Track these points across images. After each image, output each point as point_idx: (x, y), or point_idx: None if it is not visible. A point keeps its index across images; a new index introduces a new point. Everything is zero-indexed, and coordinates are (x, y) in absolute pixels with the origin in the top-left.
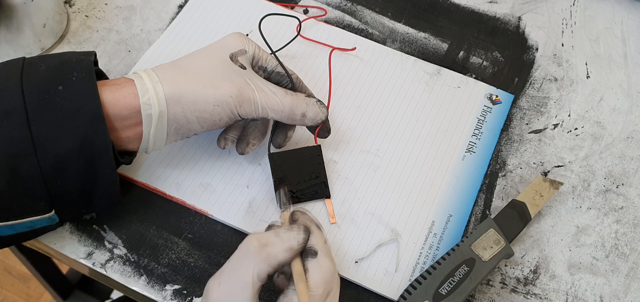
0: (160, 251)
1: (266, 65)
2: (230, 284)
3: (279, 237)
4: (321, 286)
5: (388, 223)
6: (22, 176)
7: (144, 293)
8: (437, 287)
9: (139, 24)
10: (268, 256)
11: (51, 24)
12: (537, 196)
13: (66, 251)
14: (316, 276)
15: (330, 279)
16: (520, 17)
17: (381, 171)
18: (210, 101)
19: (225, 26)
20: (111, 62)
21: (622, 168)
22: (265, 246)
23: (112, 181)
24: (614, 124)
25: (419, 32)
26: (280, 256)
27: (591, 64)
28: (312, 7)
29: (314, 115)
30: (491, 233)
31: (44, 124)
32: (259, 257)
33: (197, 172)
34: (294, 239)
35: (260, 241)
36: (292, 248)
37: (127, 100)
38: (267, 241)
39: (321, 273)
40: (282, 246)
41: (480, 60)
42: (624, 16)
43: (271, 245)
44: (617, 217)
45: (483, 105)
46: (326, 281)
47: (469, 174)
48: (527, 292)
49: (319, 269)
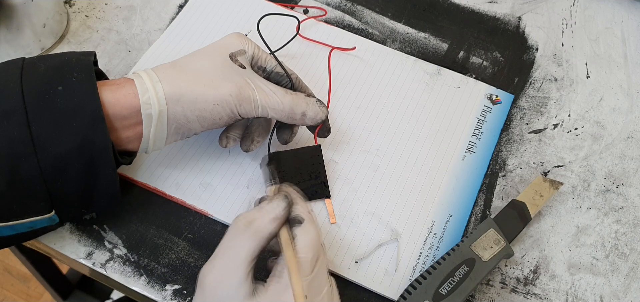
0: (160, 251)
1: (266, 65)
2: (223, 266)
3: (263, 210)
4: (310, 250)
5: (388, 223)
6: (22, 176)
7: (144, 293)
8: (437, 287)
9: (139, 24)
10: (256, 231)
11: (51, 24)
12: (537, 196)
13: (66, 251)
14: (303, 241)
15: (317, 244)
16: (520, 17)
17: (381, 171)
18: (210, 100)
19: (225, 26)
20: (111, 62)
21: (622, 168)
22: (251, 222)
23: (112, 181)
24: (614, 124)
25: (419, 32)
26: (267, 228)
27: (591, 64)
28: (312, 7)
29: (314, 114)
30: (491, 233)
31: (44, 124)
32: (247, 234)
33: (197, 172)
34: (277, 208)
35: (246, 219)
36: (276, 217)
37: (127, 100)
38: (252, 217)
39: (309, 238)
40: (267, 218)
41: (480, 60)
42: (624, 16)
43: (257, 220)
44: (617, 217)
45: (483, 105)
46: (314, 245)
47: (469, 174)
48: (527, 292)
49: (306, 235)
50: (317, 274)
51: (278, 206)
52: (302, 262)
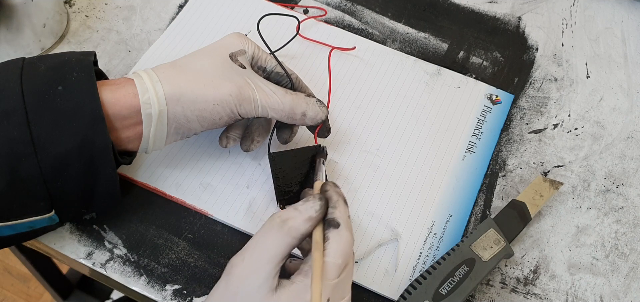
0: (160, 251)
1: (266, 65)
2: (253, 260)
3: (298, 209)
4: (340, 256)
5: (388, 223)
6: (22, 176)
7: (144, 293)
8: (437, 287)
9: (139, 24)
10: (290, 229)
11: (51, 24)
12: (537, 196)
13: (66, 251)
14: (336, 245)
15: (349, 252)
16: (520, 17)
17: (381, 171)
18: (210, 100)
19: (225, 26)
20: (111, 62)
21: (622, 168)
22: (286, 220)
23: (112, 181)
24: (614, 124)
25: (419, 32)
26: (302, 227)
27: (591, 64)
28: (312, 7)
29: (314, 114)
30: (491, 233)
31: (44, 124)
32: (282, 232)
33: (197, 172)
34: (311, 209)
35: (281, 217)
36: (311, 217)
37: (127, 99)
38: (287, 216)
39: (341, 244)
40: (301, 217)
41: (480, 60)
42: (624, 16)
43: (292, 219)
44: (617, 217)
45: (483, 105)
46: (345, 253)
47: (469, 174)
48: (527, 292)
49: (339, 240)
50: (342, 280)
51: (313, 207)
52: (330, 266)
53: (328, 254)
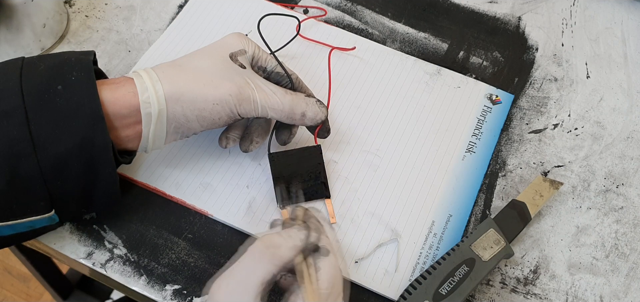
0: (160, 251)
1: (266, 65)
2: (236, 285)
3: (282, 236)
4: (333, 285)
5: (388, 223)
6: (22, 175)
7: (144, 293)
8: (437, 287)
9: (139, 24)
10: (273, 256)
11: (51, 24)
12: (537, 196)
13: (66, 251)
14: (327, 274)
15: (339, 276)
16: (520, 17)
17: (381, 171)
18: (210, 100)
19: (225, 26)
20: (111, 62)
21: (622, 168)
22: (269, 246)
23: (112, 180)
24: (614, 124)
25: (419, 32)
26: (286, 255)
27: (591, 64)
28: (312, 7)
29: (314, 114)
30: (491, 233)
31: (44, 123)
32: (265, 258)
33: (197, 172)
34: (296, 237)
35: (265, 243)
36: (296, 246)
37: (127, 98)
38: (271, 242)
39: (332, 271)
40: (286, 245)
41: (480, 60)
42: (624, 16)
43: (276, 246)
44: (617, 217)
45: (483, 105)
46: (337, 278)
47: (469, 174)
48: (527, 292)
49: (330, 268)
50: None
51: (298, 235)
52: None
53: (321, 286)
